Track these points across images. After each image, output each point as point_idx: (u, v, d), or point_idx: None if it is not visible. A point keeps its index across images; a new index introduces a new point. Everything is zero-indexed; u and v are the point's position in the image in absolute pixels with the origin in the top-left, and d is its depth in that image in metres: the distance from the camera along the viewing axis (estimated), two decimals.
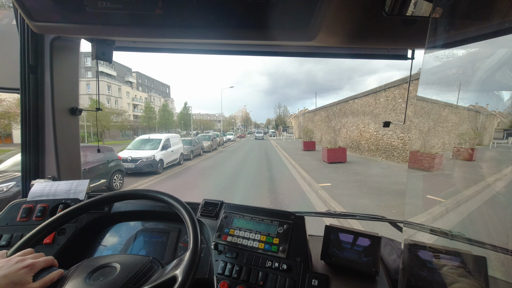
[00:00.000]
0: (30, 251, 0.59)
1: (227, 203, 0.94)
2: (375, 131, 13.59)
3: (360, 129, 15.35)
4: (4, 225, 0.93)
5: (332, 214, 1.09)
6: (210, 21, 0.76)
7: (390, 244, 0.91)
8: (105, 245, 0.95)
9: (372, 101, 14.00)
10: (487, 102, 1.50)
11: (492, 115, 7.75)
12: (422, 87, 0.77)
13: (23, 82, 1.12)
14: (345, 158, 11.50)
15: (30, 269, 0.52)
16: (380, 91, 13.16)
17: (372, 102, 14.01)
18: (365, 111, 14.73)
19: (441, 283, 0.65)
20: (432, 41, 0.59)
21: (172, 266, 0.59)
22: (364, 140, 14.85)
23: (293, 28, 0.76)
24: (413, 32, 0.83)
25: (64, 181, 1.09)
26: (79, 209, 0.74)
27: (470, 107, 8.72)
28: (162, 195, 0.74)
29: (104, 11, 0.74)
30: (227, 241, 0.83)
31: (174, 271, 0.55)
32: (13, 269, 0.49)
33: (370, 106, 14.21)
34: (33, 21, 0.80)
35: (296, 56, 1.18)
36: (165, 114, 49.37)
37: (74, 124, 1.29)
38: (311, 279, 0.71)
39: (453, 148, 8.87)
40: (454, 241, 0.78)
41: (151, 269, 0.61)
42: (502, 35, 0.70)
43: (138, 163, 9.04)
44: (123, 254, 0.88)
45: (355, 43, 0.91)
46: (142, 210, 0.99)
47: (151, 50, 1.18)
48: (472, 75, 0.87)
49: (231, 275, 0.75)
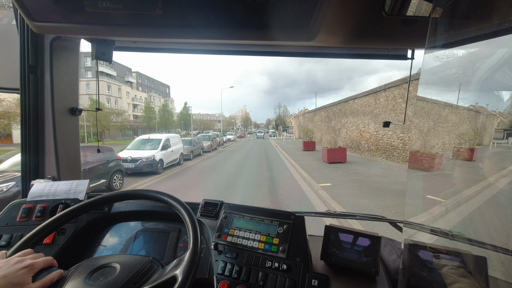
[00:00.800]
0: (30, 252, 0.59)
1: (227, 203, 0.94)
2: (375, 131, 13.58)
3: (360, 129, 15.34)
4: (4, 225, 0.93)
5: (332, 214, 1.09)
6: (210, 21, 0.76)
7: (390, 244, 0.91)
8: (105, 245, 0.95)
9: (372, 101, 13.99)
10: (487, 102, 1.50)
11: (492, 115, 7.75)
12: (422, 87, 0.77)
13: (23, 82, 1.11)
14: (345, 158, 11.50)
15: (30, 269, 0.52)
16: (380, 91, 13.15)
17: (372, 102, 13.99)
18: (365, 111, 14.71)
19: (441, 283, 0.65)
20: (432, 41, 0.59)
21: (172, 266, 0.59)
22: (364, 140, 14.83)
23: (293, 28, 0.76)
24: (413, 32, 0.83)
25: (64, 181, 1.09)
26: (79, 209, 0.74)
27: (470, 107, 8.72)
28: (162, 195, 0.74)
29: (104, 11, 0.74)
30: (227, 241, 0.83)
31: (174, 271, 0.55)
32: (12, 269, 0.49)
33: (370, 106, 14.20)
34: (33, 21, 0.80)
35: (296, 56, 1.18)
36: (165, 114, 49.36)
37: (74, 124, 1.29)
38: (311, 279, 0.71)
39: (453, 148, 8.87)
40: (454, 241, 0.78)
41: (151, 269, 0.61)
42: (502, 35, 0.70)
43: (138, 163, 9.02)
44: (123, 254, 0.88)
45: (355, 43, 0.91)
46: (142, 210, 0.99)
47: (151, 50, 1.18)
48: (472, 75, 0.87)
49: (231, 275, 0.75)
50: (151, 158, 9.31)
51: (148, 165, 9.17)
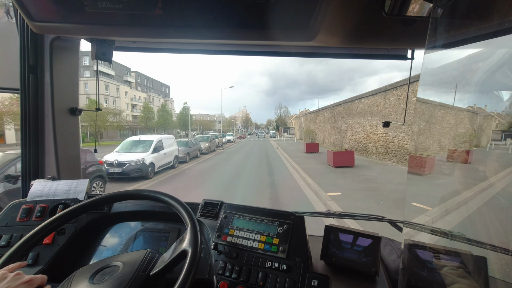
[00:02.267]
0: (24, 264, 0.62)
1: (227, 203, 0.94)
2: (385, 132, 12.65)
3: (367, 130, 14.51)
4: (4, 225, 0.93)
5: (332, 214, 1.09)
6: (210, 21, 0.76)
7: (390, 244, 0.91)
8: (105, 246, 0.95)
9: (381, 101, 13.04)
10: (486, 103, 1.50)
11: (490, 116, 7.75)
12: (422, 88, 0.77)
13: (23, 82, 1.11)
14: (353, 162, 10.58)
15: (29, 284, 0.55)
16: (390, 90, 12.06)
17: (381, 101, 13.04)
18: (373, 111, 13.82)
19: (441, 283, 0.65)
20: (432, 41, 0.59)
21: (175, 246, 0.63)
22: (371, 142, 13.96)
23: (293, 28, 0.76)
24: (413, 32, 0.83)
25: (64, 181, 1.09)
26: (79, 209, 0.74)
27: (469, 108, 8.71)
28: (162, 195, 0.74)
29: (104, 11, 0.74)
30: (227, 241, 0.83)
31: (180, 248, 0.60)
32: (13, 284, 0.53)
33: (379, 106, 13.36)
34: (33, 21, 0.80)
35: (296, 56, 1.18)
36: (164, 114, 48.92)
37: (74, 124, 1.29)
38: (311, 279, 0.71)
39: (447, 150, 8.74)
40: (454, 241, 0.78)
41: (152, 258, 0.62)
42: (502, 35, 0.70)
43: (125, 167, 8.17)
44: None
45: (355, 43, 0.91)
46: (142, 210, 0.99)
47: (151, 50, 1.18)
48: (472, 75, 0.88)
49: (231, 275, 0.75)
50: (140, 161, 8.51)
51: (137, 170, 8.34)
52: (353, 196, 5.99)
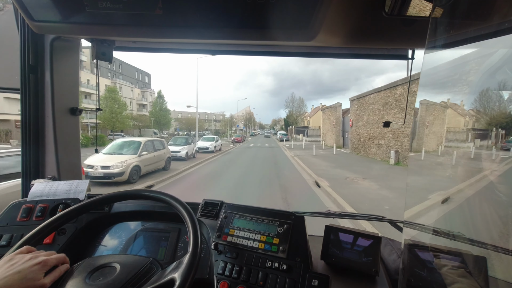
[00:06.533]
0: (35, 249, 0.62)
1: (227, 203, 0.94)
2: None
3: None
4: (4, 225, 0.93)
5: (332, 214, 1.09)
6: (210, 21, 0.76)
7: (390, 244, 0.91)
8: (105, 245, 0.95)
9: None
10: (486, 102, 1.50)
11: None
12: (422, 88, 0.77)
13: (23, 82, 1.12)
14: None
15: (43, 266, 0.55)
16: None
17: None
18: None
19: (441, 283, 0.65)
20: (432, 41, 0.59)
21: (171, 268, 0.60)
22: None
23: (293, 28, 0.76)
24: (413, 32, 0.83)
25: (64, 181, 1.09)
26: (79, 209, 0.74)
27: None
28: (162, 195, 0.74)
29: (104, 11, 0.74)
30: (227, 241, 0.83)
31: (172, 274, 0.56)
32: (26, 265, 0.53)
33: None
34: (33, 21, 0.80)
35: (296, 56, 1.18)
36: (109, 104, 28.57)
37: (74, 124, 1.29)
38: (311, 279, 0.71)
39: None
40: (454, 241, 0.78)
41: (150, 270, 0.62)
42: (502, 35, 0.70)
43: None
44: (123, 254, 0.88)
45: (355, 43, 0.91)
46: (142, 210, 0.99)
47: (151, 50, 1.18)
48: (472, 75, 0.87)
49: (231, 275, 0.75)
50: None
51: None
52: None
